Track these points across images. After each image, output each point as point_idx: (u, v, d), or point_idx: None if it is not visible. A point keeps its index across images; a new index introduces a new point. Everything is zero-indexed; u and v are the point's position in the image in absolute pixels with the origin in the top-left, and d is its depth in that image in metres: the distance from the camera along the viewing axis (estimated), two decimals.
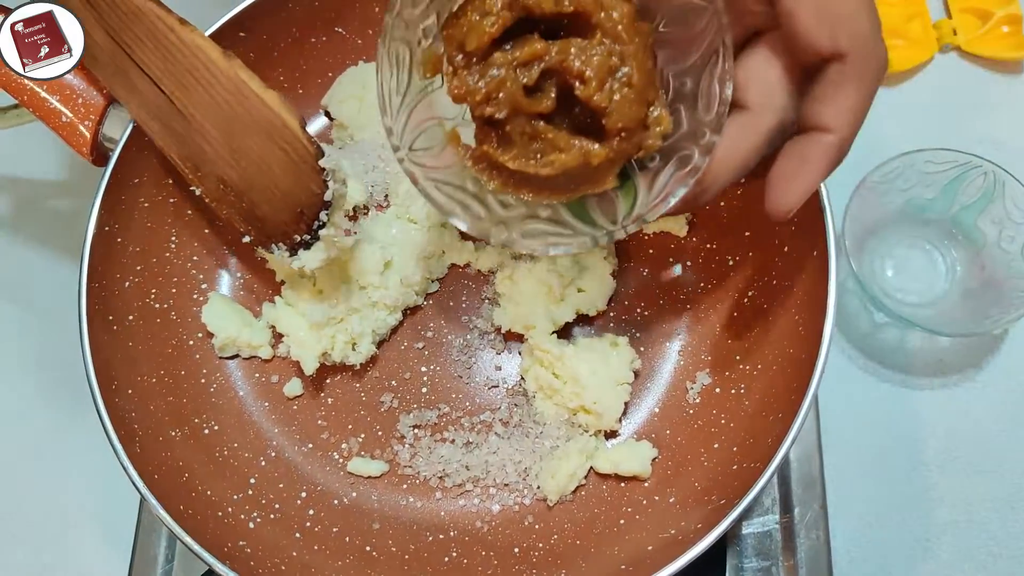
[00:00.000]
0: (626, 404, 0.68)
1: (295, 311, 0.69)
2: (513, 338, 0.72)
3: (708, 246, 0.72)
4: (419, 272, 0.72)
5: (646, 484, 0.66)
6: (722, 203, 0.71)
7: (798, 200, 0.48)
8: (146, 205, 0.70)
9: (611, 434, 0.69)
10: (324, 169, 0.62)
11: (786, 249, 0.66)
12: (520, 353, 0.71)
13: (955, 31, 0.90)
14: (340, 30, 0.77)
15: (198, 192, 0.65)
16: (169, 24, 0.60)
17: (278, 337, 0.71)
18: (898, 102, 0.89)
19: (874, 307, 0.78)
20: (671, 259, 0.73)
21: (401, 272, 0.71)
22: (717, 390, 0.67)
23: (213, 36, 0.68)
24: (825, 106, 0.46)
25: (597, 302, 0.70)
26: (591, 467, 0.67)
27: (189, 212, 0.73)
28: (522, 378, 0.70)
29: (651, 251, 0.73)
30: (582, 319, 0.71)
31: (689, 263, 0.72)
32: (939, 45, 0.90)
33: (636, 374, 0.70)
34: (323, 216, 0.63)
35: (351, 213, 0.76)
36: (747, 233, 0.69)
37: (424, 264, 0.72)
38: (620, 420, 0.68)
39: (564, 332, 0.70)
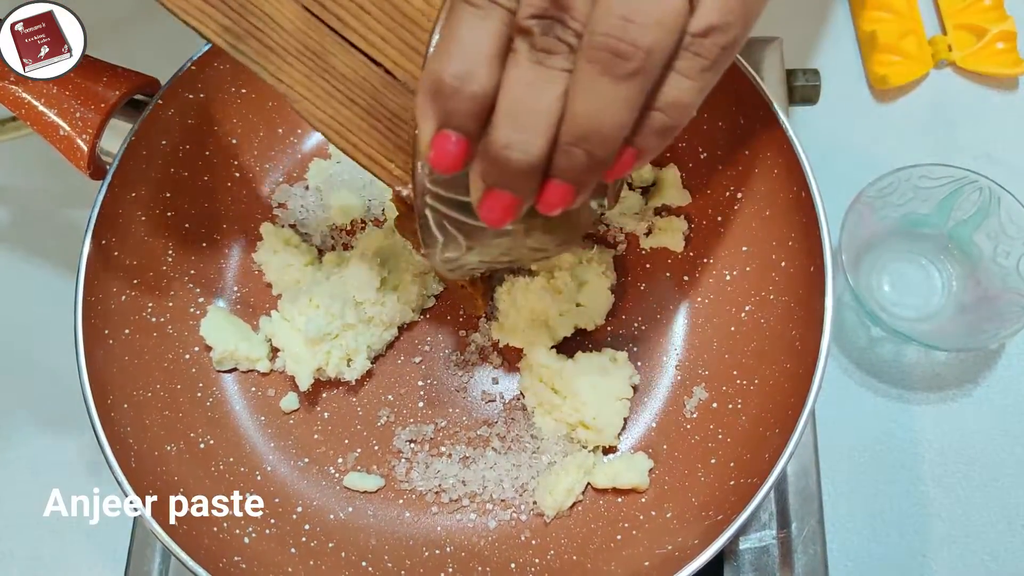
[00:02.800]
0: (624, 419, 0.68)
1: (291, 326, 0.69)
2: (511, 352, 0.72)
3: (705, 261, 0.72)
4: (416, 288, 0.71)
5: (643, 500, 0.66)
6: (719, 218, 0.71)
7: (424, 147, 0.41)
8: (143, 219, 0.70)
9: (609, 449, 0.69)
10: None
11: (783, 264, 0.66)
12: (518, 368, 0.71)
13: (950, 47, 0.91)
14: None
15: (404, 192, 0.55)
16: None
17: (275, 351, 0.71)
18: (893, 118, 0.90)
19: (871, 322, 0.78)
20: (668, 274, 0.73)
21: (398, 289, 0.71)
22: (714, 405, 0.67)
23: (213, 49, 0.69)
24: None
25: (596, 317, 0.70)
26: (588, 483, 0.67)
27: (187, 226, 0.73)
28: (521, 394, 0.70)
29: (648, 266, 0.73)
30: (580, 334, 0.71)
31: (686, 278, 0.72)
32: (934, 61, 0.91)
33: (635, 389, 0.69)
34: None
35: (349, 227, 0.76)
36: (744, 248, 0.69)
37: (421, 280, 0.72)
38: (619, 436, 0.68)
39: (563, 347, 0.70)
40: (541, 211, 0.41)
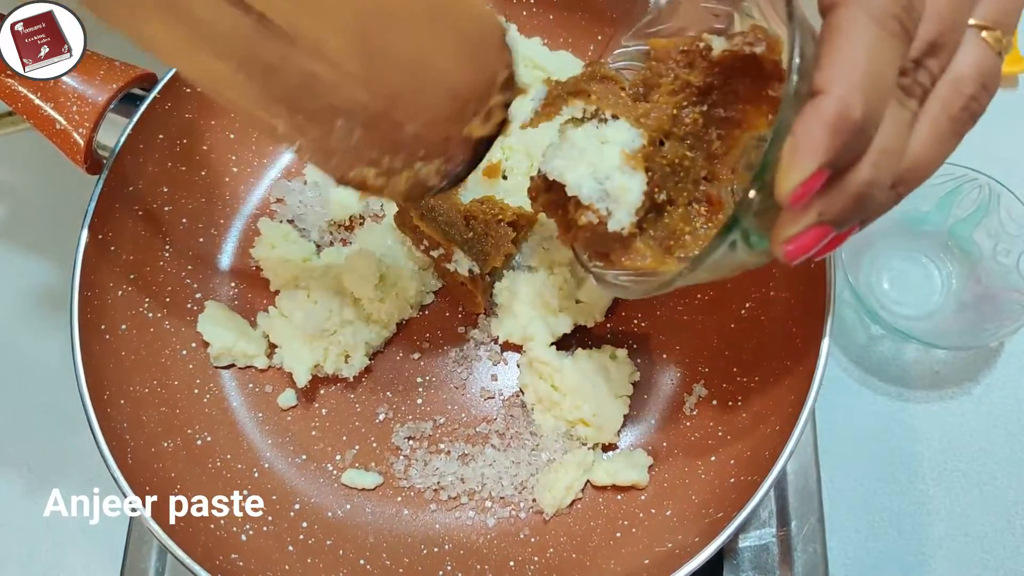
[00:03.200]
0: (624, 417, 0.68)
1: (288, 322, 0.69)
2: (510, 348, 0.72)
3: None
4: (414, 286, 0.71)
5: (643, 497, 0.65)
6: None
7: (793, 185, 0.38)
8: (140, 213, 0.69)
9: (608, 447, 0.68)
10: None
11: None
12: (518, 364, 0.71)
13: None
14: None
15: (294, 150, 0.50)
16: None
17: (273, 347, 0.71)
18: None
19: (870, 320, 0.78)
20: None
21: (396, 286, 0.70)
22: (714, 402, 0.67)
23: None
24: (819, 62, 0.38)
25: (595, 314, 0.70)
26: (588, 480, 0.67)
27: (184, 221, 0.72)
28: (520, 391, 0.70)
29: None
30: (580, 331, 0.71)
31: None
32: None
33: (634, 386, 0.69)
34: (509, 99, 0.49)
35: (347, 223, 0.76)
36: None
37: (419, 277, 0.72)
38: (618, 433, 0.68)
39: (563, 344, 0.70)
40: (826, 252, 0.41)
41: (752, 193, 0.39)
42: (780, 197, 0.38)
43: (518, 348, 0.70)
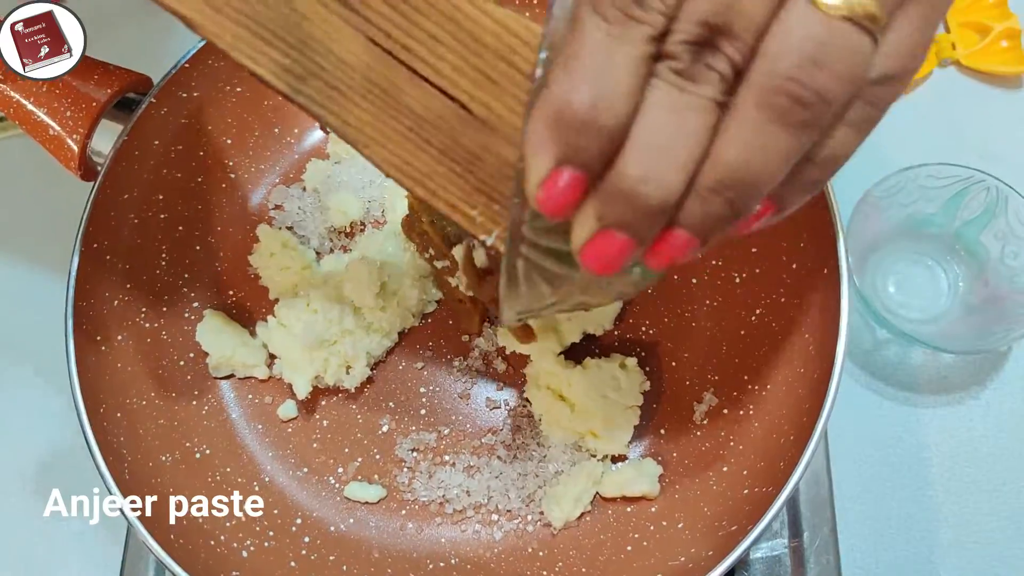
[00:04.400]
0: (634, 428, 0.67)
1: (288, 332, 0.67)
2: (516, 358, 0.70)
3: (713, 263, 0.70)
4: (416, 293, 0.70)
5: (653, 509, 0.64)
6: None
7: (533, 187, 0.36)
8: (136, 221, 0.68)
9: (617, 457, 0.67)
10: None
11: (795, 266, 0.64)
12: (524, 374, 0.69)
13: (954, 45, 0.90)
14: None
15: (490, 240, 0.46)
16: (480, 6, 0.46)
17: (273, 357, 0.70)
18: (898, 116, 0.87)
19: (876, 324, 0.77)
20: (676, 276, 0.71)
21: (397, 294, 0.69)
22: (725, 411, 0.66)
23: (207, 46, 0.67)
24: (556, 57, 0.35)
25: (604, 321, 0.69)
26: (597, 492, 0.65)
27: (180, 228, 0.71)
28: (527, 400, 0.68)
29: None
30: (588, 339, 0.69)
31: (694, 280, 0.71)
32: (938, 60, 0.90)
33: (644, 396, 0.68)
34: None
35: (348, 230, 0.74)
36: (754, 249, 0.68)
37: (421, 285, 0.71)
38: (629, 444, 0.66)
39: (570, 353, 0.68)
40: (651, 263, 0.35)
41: (517, 200, 0.36)
42: (531, 201, 0.35)
43: (524, 357, 0.69)
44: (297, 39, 0.47)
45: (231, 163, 0.74)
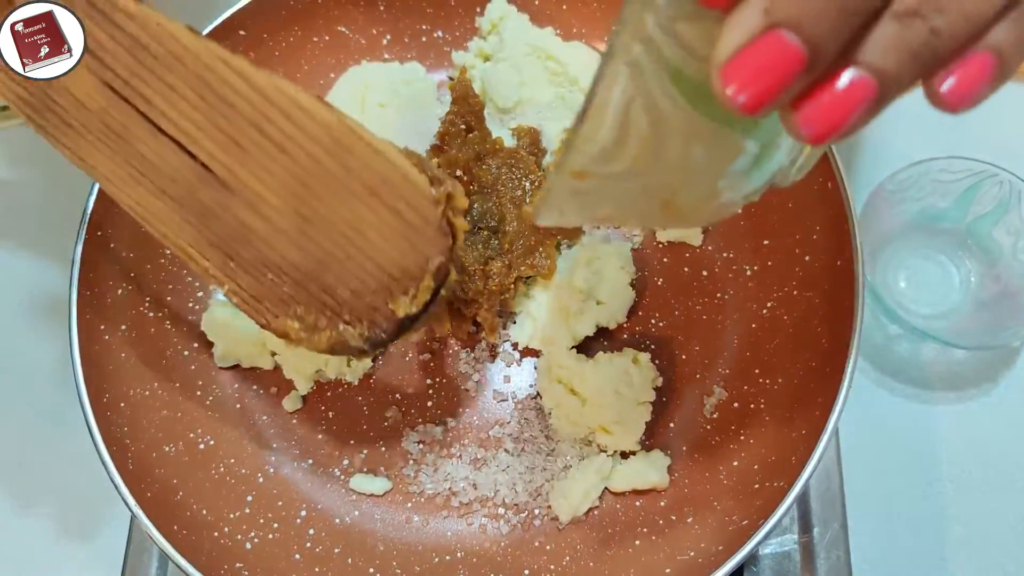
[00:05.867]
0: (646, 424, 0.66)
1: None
2: (525, 350, 0.70)
3: (725, 255, 0.70)
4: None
5: (662, 503, 0.64)
6: (739, 210, 0.69)
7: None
8: None
9: (626, 453, 0.66)
10: (451, 226, 0.47)
11: (807, 259, 0.64)
12: (535, 368, 0.69)
13: None
14: (343, 29, 0.75)
15: (223, 291, 0.51)
16: (238, 69, 0.46)
17: None
18: (912, 109, 0.86)
19: (887, 319, 0.77)
20: (686, 269, 0.70)
21: None
22: (735, 405, 0.65)
23: (211, 34, 0.67)
24: None
25: (617, 315, 0.68)
26: (606, 487, 0.65)
27: None
28: (538, 394, 0.68)
29: (665, 260, 0.71)
30: (598, 333, 0.69)
31: (705, 272, 0.70)
32: None
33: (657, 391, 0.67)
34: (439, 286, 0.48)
35: None
36: (765, 242, 0.67)
37: None
38: (640, 440, 0.66)
39: (582, 347, 0.68)
40: (812, 121, 0.27)
41: None
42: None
43: (532, 350, 0.68)
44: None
45: None
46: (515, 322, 0.69)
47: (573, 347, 0.67)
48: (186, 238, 0.50)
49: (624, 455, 0.66)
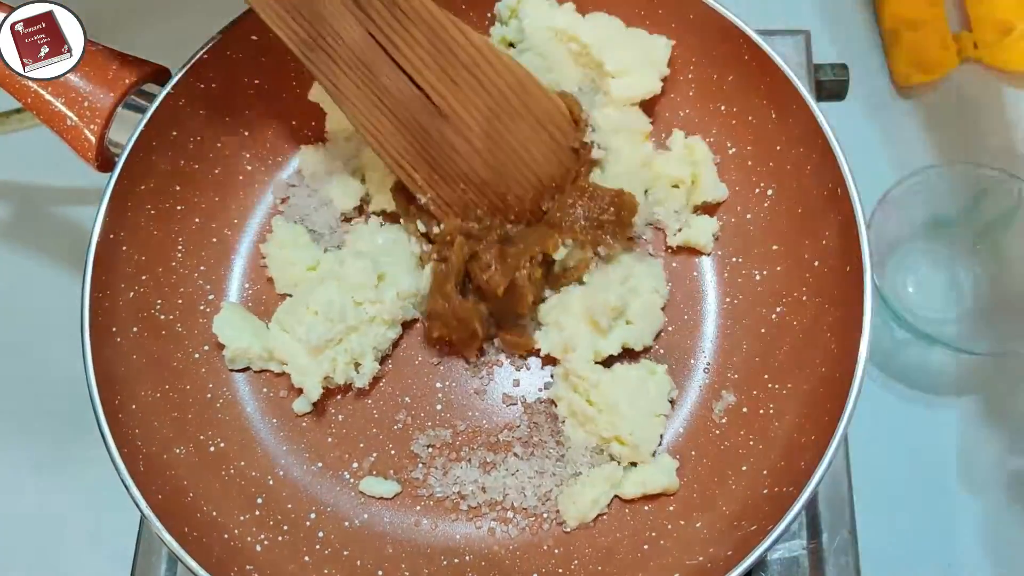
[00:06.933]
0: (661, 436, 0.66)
1: (292, 337, 0.66)
2: (535, 356, 0.70)
3: (734, 259, 0.70)
4: (414, 283, 0.69)
5: (671, 508, 0.64)
6: (748, 215, 0.69)
7: None
8: (152, 212, 0.67)
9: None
10: (582, 146, 0.68)
11: (817, 264, 0.64)
12: (552, 376, 0.68)
13: (975, 43, 0.89)
14: None
15: (423, 199, 0.66)
16: (461, 28, 0.63)
17: None
18: (920, 115, 0.88)
19: (895, 323, 0.77)
20: (695, 273, 0.71)
21: (396, 284, 0.68)
22: (744, 410, 0.65)
23: (230, 30, 0.68)
24: None
25: (645, 338, 0.67)
26: (619, 499, 0.64)
27: (197, 220, 0.70)
28: (550, 401, 0.67)
29: (674, 264, 0.71)
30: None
31: (715, 277, 0.70)
32: (960, 57, 0.89)
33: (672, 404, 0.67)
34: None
35: (354, 215, 0.74)
36: (775, 247, 0.67)
37: (419, 273, 0.70)
38: (654, 453, 0.65)
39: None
40: None
41: None
42: None
43: (548, 358, 0.68)
44: (311, 14, 0.60)
45: (248, 155, 0.74)
46: (541, 329, 0.69)
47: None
48: (404, 154, 0.65)
49: (633, 462, 0.66)
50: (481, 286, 0.65)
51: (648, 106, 0.72)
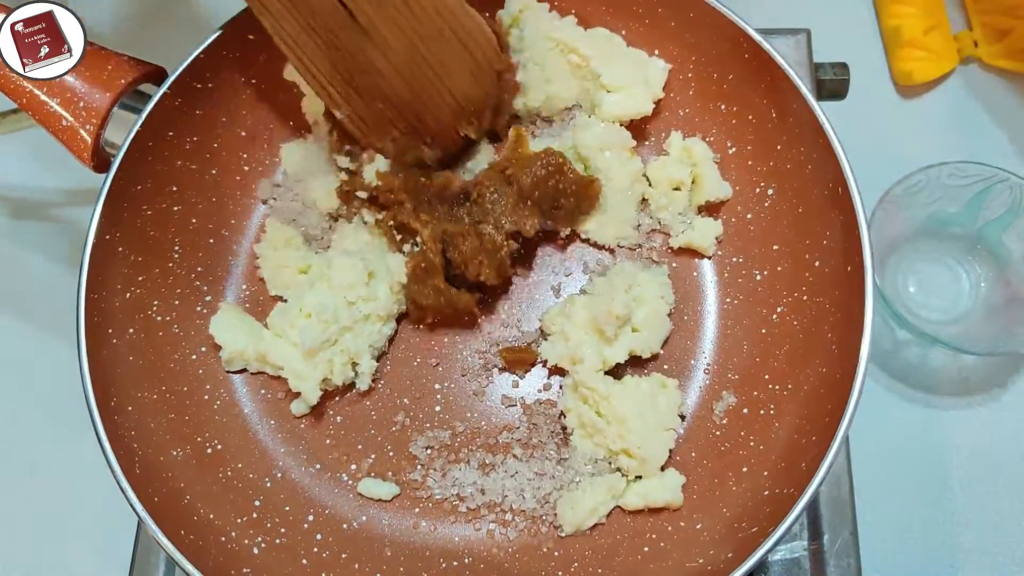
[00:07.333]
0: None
1: (286, 341, 0.66)
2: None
3: (734, 260, 0.69)
4: (405, 277, 0.68)
5: (671, 510, 0.63)
6: (748, 215, 0.69)
7: None
8: (149, 213, 0.67)
9: None
10: (507, 68, 0.69)
11: (818, 264, 0.63)
12: (561, 387, 0.68)
13: (976, 43, 0.88)
14: None
15: (339, 115, 0.66)
16: None
17: None
18: (920, 114, 0.88)
19: (897, 324, 0.76)
20: (695, 274, 0.70)
21: (387, 280, 0.68)
22: (745, 411, 0.65)
23: (227, 29, 0.67)
24: None
25: (652, 345, 0.67)
26: (618, 505, 0.64)
27: (194, 221, 0.70)
28: (563, 414, 0.66)
29: (674, 265, 0.71)
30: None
31: (715, 277, 0.70)
32: (960, 57, 0.89)
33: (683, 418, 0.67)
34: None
35: (341, 210, 0.73)
36: (775, 247, 0.67)
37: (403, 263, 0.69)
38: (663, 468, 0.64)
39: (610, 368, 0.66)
40: None
41: None
42: None
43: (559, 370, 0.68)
44: None
45: (245, 155, 0.73)
46: (547, 340, 0.68)
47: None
48: (321, 69, 0.65)
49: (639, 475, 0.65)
50: (472, 279, 0.67)
51: None
